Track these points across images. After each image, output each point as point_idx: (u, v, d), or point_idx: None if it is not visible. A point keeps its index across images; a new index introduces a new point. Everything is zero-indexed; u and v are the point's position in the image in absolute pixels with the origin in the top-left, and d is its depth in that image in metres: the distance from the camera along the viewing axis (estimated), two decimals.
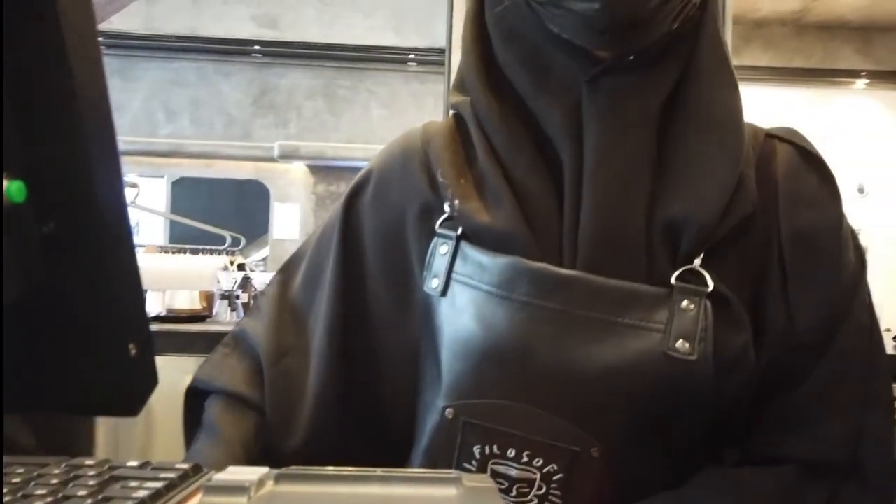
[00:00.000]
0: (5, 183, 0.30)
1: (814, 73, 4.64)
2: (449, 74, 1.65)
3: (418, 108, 3.45)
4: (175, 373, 0.84)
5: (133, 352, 0.35)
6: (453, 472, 0.35)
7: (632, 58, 0.55)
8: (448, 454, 0.58)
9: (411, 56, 3.36)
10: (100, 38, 0.36)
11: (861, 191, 4.70)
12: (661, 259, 0.55)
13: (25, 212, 0.32)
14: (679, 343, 0.53)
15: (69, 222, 0.33)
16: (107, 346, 0.35)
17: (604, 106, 0.56)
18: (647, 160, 0.56)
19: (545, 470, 0.56)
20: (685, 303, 0.54)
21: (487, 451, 0.57)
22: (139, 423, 2.11)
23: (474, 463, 0.58)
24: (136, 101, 3.54)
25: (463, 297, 0.58)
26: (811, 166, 0.60)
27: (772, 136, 0.61)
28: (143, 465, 0.40)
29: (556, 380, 0.55)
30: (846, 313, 0.58)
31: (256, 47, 3.44)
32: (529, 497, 0.56)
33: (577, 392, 0.55)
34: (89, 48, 0.33)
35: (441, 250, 0.60)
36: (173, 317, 2.45)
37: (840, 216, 0.60)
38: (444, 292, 0.59)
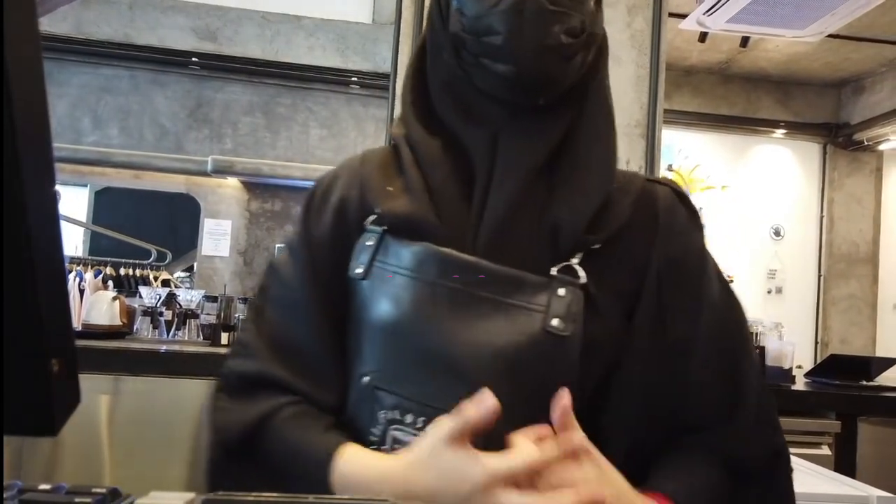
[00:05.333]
0: None
1: (737, 121, 4.90)
2: (393, 99, 1.66)
3: (358, 131, 3.44)
4: (90, 392, 0.79)
5: (55, 368, 0.33)
6: (388, 500, 0.34)
7: (541, 101, 0.69)
8: (362, 420, 0.67)
9: (354, 79, 3.36)
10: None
11: (777, 233, 4.96)
12: (546, 254, 0.67)
13: None
14: (555, 322, 0.64)
15: None
16: (27, 361, 0.33)
17: (515, 136, 0.70)
18: (542, 179, 0.69)
19: None
20: (561, 290, 0.65)
21: (389, 416, 0.66)
22: (45, 443, 1.98)
23: (379, 428, 0.66)
24: (62, 107, 3.39)
25: (380, 279, 0.68)
26: (682, 204, 0.75)
27: (652, 181, 0.76)
28: (55, 489, 0.38)
29: (454, 350, 0.64)
30: (711, 320, 0.70)
31: (194, 59, 3.36)
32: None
33: (470, 361, 0.64)
34: (29, 50, 0.32)
35: (367, 242, 0.71)
36: (89, 332, 2.33)
37: (703, 243, 0.75)
38: (365, 276, 0.69)
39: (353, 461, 0.62)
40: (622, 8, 1.73)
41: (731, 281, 3.29)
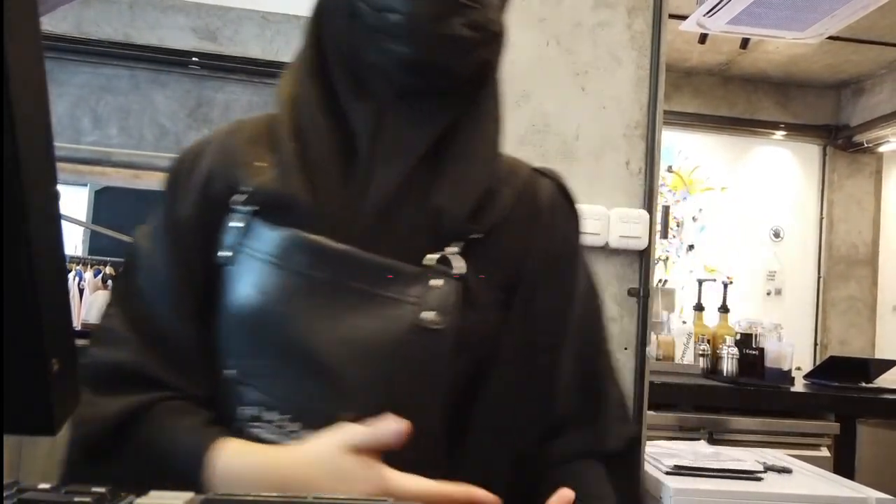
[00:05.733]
0: None
1: (737, 122, 4.90)
2: None
3: None
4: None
5: (55, 367, 0.33)
6: (388, 500, 0.34)
7: (433, 88, 0.66)
8: (223, 416, 0.63)
9: None
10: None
11: (777, 235, 4.97)
12: (424, 243, 0.64)
13: None
14: (428, 314, 0.62)
15: None
16: (27, 361, 0.33)
17: (402, 117, 0.66)
18: (426, 166, 0.66)
19: (299, 435, 0.60)
20: (437, 281, 0.63)
21: (249, 412, 0.62)
22: (43, 443, 1.98)
23: (236, 424, 0.62)
24: (62, 106, 3.39)
25: (246, 266, 0.64)
26: (565, 200, 0.74)
27: (537, 171, 0.75)
28: (55, 488, 0.38)
29: (320, 344, 0.61)
30: (578, 319, 0.71)
31: (194, 59, 3.36)
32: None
33: (338, 357, 0.61)
34: (30, 50, 0.32)
35: (234, 224, 0.65)
36: (89, 332, 2.33)
37: (579, 245, 0.74)
38: (230, 262, 0.64)
39: (234, 455, 0.58)
40: (622, 9, 1.73)
41: (731, 283, 3.28)
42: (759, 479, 1.66)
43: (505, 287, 0.68)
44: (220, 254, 0.65)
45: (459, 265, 0.64)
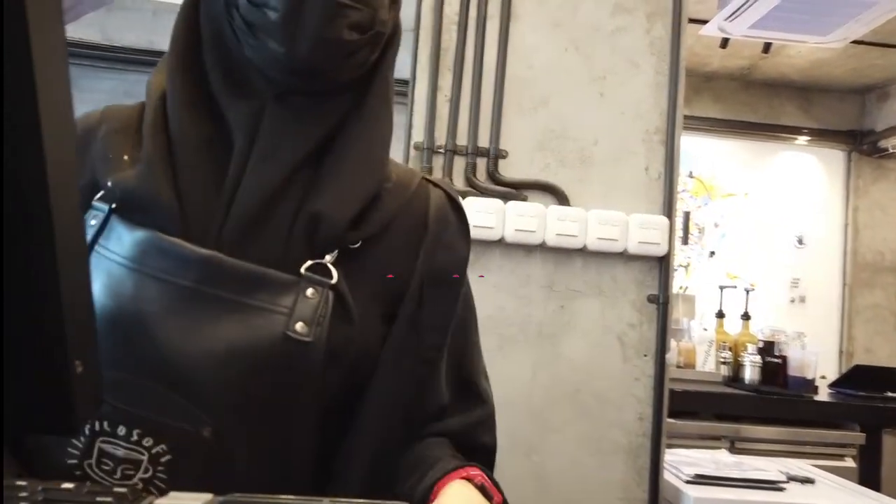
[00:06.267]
0: None
1: (759, 128, 4.84)
2: (412, 105, 1.67)
3: None
4: None
5: (78, 369, 0.34)
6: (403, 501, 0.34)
7: (314, 88, 0.64)
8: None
9: None
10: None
11: (801, 241, 4.90)
12: (299, 250, 0.61)
13: None
14: (299, 325, 0.58)
15: (20, 233, 0.32)
16: (50, 362, 0.33)
17: (282, 117, 0.63)
18: (306, 168, 0.63)
19: (154, 450, 0.56)
20: (310, 291, 0.60)
21: (98, 426, 0.57)
22: None
23: (82, 439, 0.57)
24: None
25: (99, 267, 0.59)
26: (455, 213, 0.72)
27: (427, 181, 0.73)
28: (77, 488, 0.39)
29: (178, 355, 0.57)
30: (458, 331, 0.71)
31: None
32: (134, 480, 0.56)
33: (198, 369, 0.57)
34: (55, 58, 0.33)
35: (90, 222, 0.61)
36: None
37: (466, 257, 0.72)
38: None
39: None
40: (641, 14, 1.73)
41: (753, 289, 3.22)
42: (782, 490, 1.64)
43: (384, 299, 0.65)
44: None
45: (334, 275, 0.61)
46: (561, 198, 1.67)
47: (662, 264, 1.69)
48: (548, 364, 1.65)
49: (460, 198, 0.74)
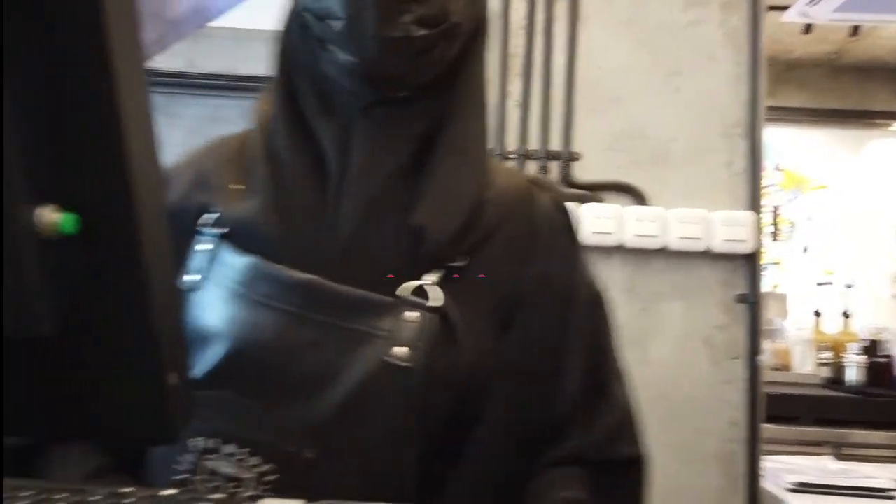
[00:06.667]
0: (57, 215, 0.32)
1: (850, 115, 4.58)
2: None
3: None
4: None
5: (172, 381, 0.35)
6: None
7: (400, 94, 0.62)
8: (172, 447, 0.59)
9: None
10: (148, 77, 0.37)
11: None
12: (402, 269, 0.60)
13: (75, 243, 0.33)
14: (397, 350, 0.57)
15: (115, 253, 0.34)
16: (147, 374, 0.35)
17: (371, 130, 0.62)
18: (404, 178, 0.62)
19: (259, 469, 0.57)
20: (410, 314, 0.58)
21: (204, 444, 0.59)
22: None
23: (190, 456, 0.59)
24: (176, 136, 3.64)
25: (211, 293, 0.61)
26: (563, 216, 0.69)
27: (534, 184, 0.69)
28: (179, 494, 0.41)
29: (283, 378, 0.58)
30: (579, 340, 0.66)
31: None
32: (240, 498, 0.57)
33: (301, 392, 0.57)
34: (137, 85, 0.35)
35: (202, 248, 0.63)
36: None
37: (578, 260, 0.68)
38: (196, 287, 0.62)
39: None
40: (715, 5, 1.67)
41: (851, 286, 3.06)
42: (893, 498, 1.53)
43: (497, 314, 0.63)
44: (185, 278, 0.62)
45: (437, 296, 0.59)
46: (638, 197, 1.64)
47: (750, 262, 1.62)
48: (633, 368, 1.61)
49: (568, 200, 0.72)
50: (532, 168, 1.64)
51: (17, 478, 0.52)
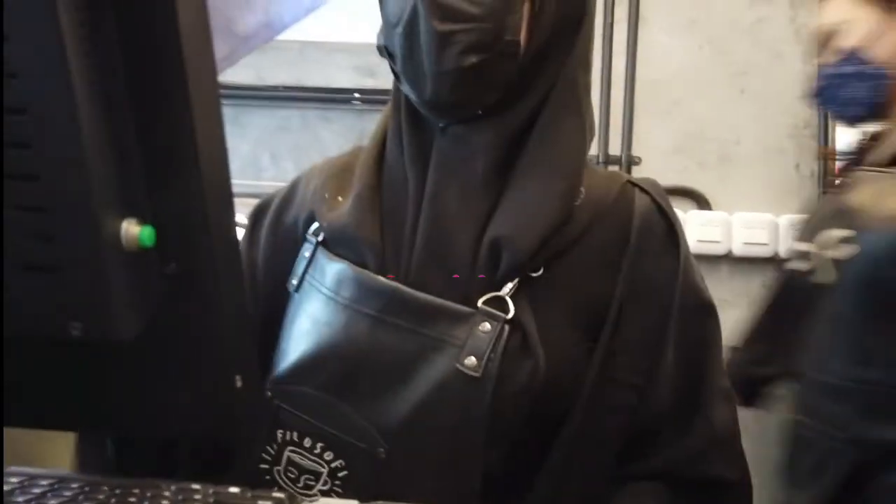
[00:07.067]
0: (138, 228, 0.34)
1: None
2: None
3: None
4: None
5: (239, 383, 0.38)
6: None
7: (479, 111, 0.62)
8: (258, 434, 0.63)
9: None
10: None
11: None
12: (481, 279, 0.61)
13: (152, 255, 0.36)
14: (469, 360, 0.58)
15: (189, 263, 0.37)
16: (215, 377, 0.38)
17: (445, 147, 0.63)
18: (485, 189, 0.62)
19: (333, 464, 0.60)
20: (485, 325, 0.59)
21: (288, 437, 0.62)
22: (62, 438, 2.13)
23: (274, 446, 0.63)
24: (245, 147, 3.76)
25: (307, 295, 0.65)
26: (663, 218, 0.66)
27: (632, 184, 0.67)
28: (242, 492, 0.43)
29: (360, 378, 0.60)
30: (680, 349, 0.64)
31: (356, 95, 3.59)
32: (314, 491, 0.60)
33: (377, 392, 0.60)
34: (210, 105, 0.37)
35: (304, 254, 0.67)
36: None
37: (676, 269, 0.65)
38: (296, 289, 0.66)
39: None
40: (783, 2, 1.62)
41: None
42: None
43: (583, 324, 0.63)
44: (291, 281, 0.67)
45: (513, 308, 0.59)
46: (701, 202, 1.60)
47: None
48: None
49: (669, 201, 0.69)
50: None
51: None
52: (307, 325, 0.64)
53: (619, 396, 0.63)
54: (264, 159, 3.80)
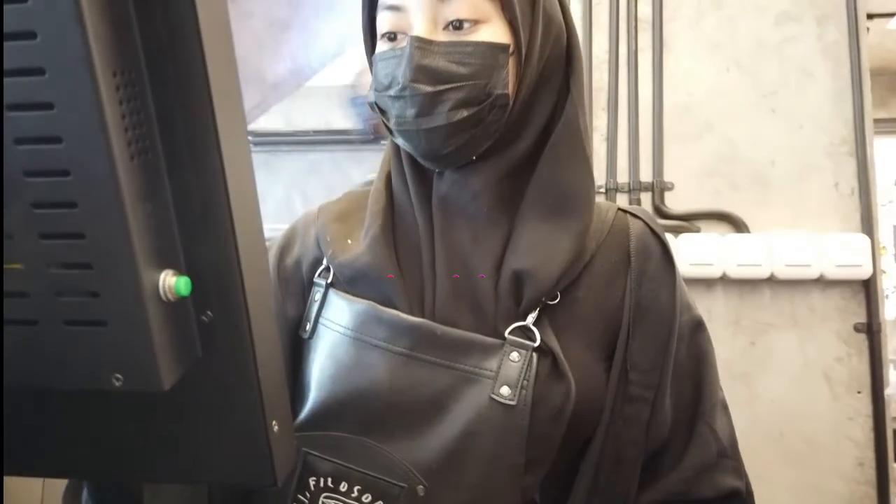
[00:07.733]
0: (175, 279, 0.35)
1: None
2: None
3: None
4: None
5: (275, 428, 0.37)
6: None
7: (473, 158, 0.63)
8: (287, 485, 0.62)
9: None
10: (249, 138, 0.40)
11: None
12: (506, 311, 0.62)
13: (188, 304, 0.36)
14: (503, 389, 0.59)
15: (223, 311, 0.37)
16: (251, 423, 0.38)
17: (446, 190, 0.65)
18: (493, 226, 0.64)
19: None
20: (514, 354, 0.60)
21: (322, 483, 0.62)
22: None
23: (307, 495, 0.62)
24: (278, 191, 3.85)
25: (324, 339, 0.65)
26: (658, 243, 0.68)
27: (624, 212, 0.69)
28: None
29: (394, 416, 0.60)
30: (675, 366, 0.66)
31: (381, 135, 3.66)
32: None
33: (413, 430, 0.60)
34: (241, 155, 0.38)
35: (314, 298, 0.67)
36: None
37: (674, 288, 0.67)
38: (311, 335, 0.66)
39: None
40: (810, 20, 1.61)
41: None
42: None
43: (601, 343, 0.64)
44: (304, 329, 0.67)
45: (538, 336, 0.61)
46: (738, 225, 1.57)
47: (868, 288, 1.51)
48: (743, 406, 1.53)
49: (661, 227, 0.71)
50: (623, 202, 1.62)
51: None
52: (331, 369, 0.63)
53: (635, 411, 0.65)
54: (296, 201, 3.87)
